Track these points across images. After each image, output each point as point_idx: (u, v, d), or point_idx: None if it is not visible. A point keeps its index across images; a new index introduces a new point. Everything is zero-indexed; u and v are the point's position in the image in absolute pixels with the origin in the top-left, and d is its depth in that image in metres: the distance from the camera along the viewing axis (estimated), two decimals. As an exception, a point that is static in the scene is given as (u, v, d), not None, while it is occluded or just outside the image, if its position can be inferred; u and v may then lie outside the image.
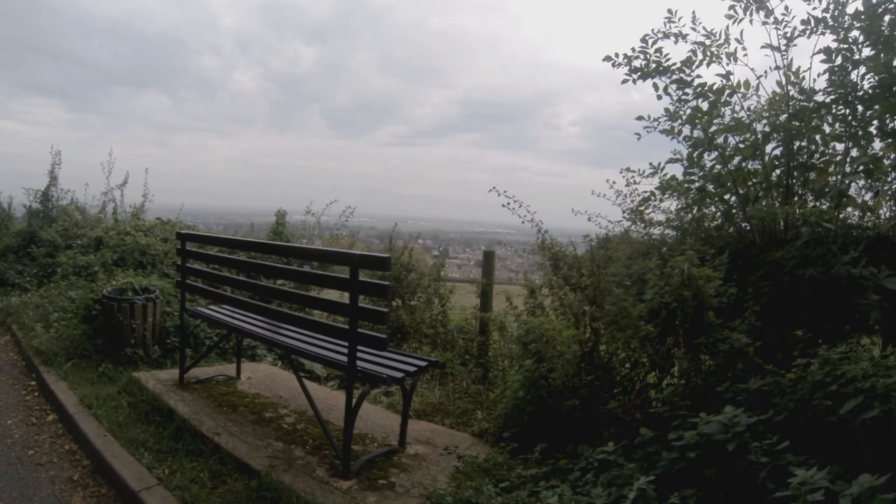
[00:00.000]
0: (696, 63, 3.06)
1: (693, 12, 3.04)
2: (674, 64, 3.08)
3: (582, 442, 2.63)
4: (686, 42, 3.08)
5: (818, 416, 2.00)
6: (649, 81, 3.18)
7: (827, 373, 2.05)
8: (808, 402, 2.04)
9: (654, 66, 3.12)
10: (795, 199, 2.93)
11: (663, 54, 3.11)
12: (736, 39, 3.02)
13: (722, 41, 3.03)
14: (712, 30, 3.04)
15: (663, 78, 3.14)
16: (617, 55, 3.20)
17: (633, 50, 3.15)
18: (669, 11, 3.06)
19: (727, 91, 3.06)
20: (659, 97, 3.19)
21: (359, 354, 2.67)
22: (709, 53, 3.05)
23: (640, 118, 3.30)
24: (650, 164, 3.40)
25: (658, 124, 3.26)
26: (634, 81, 3.21)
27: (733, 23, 2.99)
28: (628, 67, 3.18)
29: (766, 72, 3.05)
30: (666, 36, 3.10)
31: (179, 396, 3.48)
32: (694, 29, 3.06)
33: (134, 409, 3.40)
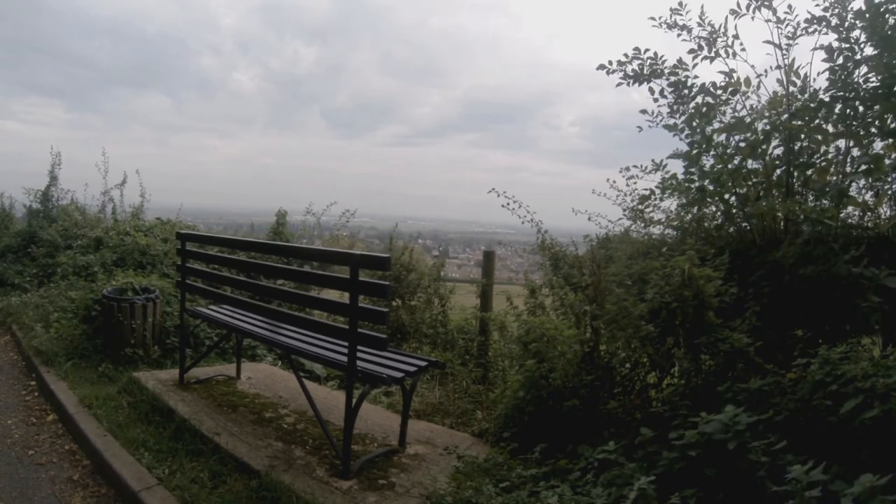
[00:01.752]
0: (700, 57, 3.05)
1: (702, 7, 3.04)
2: (667, 67, 3.09)
3: (582, 442, 2.63)
4: (690, 36, 3.08)
5: (818, 416, 1.99)
6: (646, 84, 3.19)
7: (827, 373, 2.05)
8: (808, 402, 2.04)
9: (648, 70, 3.13)
10: (796, 197, 2.93)
11: (657, 57, 3.12)
12: (734, 36, 3.02)
13: (723, 37, 3.03)
14: (709, 20, 3.04)
15: (658, 81, 3.15)
16: (610, 63, 3.20)
17: (626, 56, 3.16)
18: (680, 4, 3.06)
19: (729, 90, 3.05)
20: (655, 100, 3.21)
21: (359, 354, 2.67)
22: (713, 50, 3.04)
23: (643, 111, 3.30)
24: (652, 160, 3.41)
25: (661, 119, 3.26)
26: (629, 85, 3.22)
27: (735, 18, 2.99)
28: (622, 73, 3.19)
29: (766, 71, 3.05)
30: (670, 27, 3.10)
31: (179, 396, 3.48)
32: (700, 24, 3.06)
33: (134, 409, 3.40)
